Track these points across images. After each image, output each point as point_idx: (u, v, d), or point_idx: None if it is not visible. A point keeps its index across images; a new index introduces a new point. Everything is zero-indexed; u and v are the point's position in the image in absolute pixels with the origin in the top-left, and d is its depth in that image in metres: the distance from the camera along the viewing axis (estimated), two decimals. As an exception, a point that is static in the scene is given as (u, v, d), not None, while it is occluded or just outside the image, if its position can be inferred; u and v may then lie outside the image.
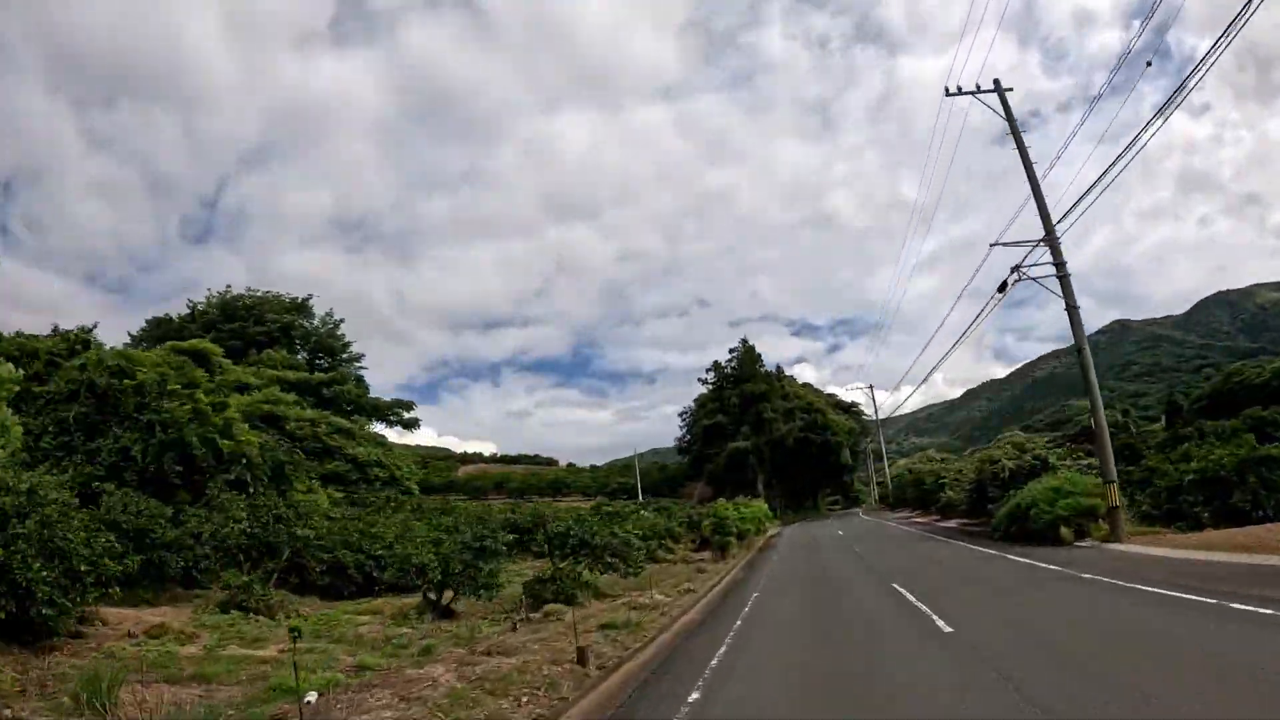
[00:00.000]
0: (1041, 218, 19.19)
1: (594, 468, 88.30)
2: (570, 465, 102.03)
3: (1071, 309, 18.70)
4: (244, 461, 24.09)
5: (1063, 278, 18.78)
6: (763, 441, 70.21)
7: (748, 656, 8.75)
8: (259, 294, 59.81)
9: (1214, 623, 7.64)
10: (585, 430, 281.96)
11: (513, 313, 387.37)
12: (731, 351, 79.62)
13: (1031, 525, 18.72)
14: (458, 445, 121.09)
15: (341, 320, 60.51)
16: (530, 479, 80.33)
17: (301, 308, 59.81)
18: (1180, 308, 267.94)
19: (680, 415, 79.21)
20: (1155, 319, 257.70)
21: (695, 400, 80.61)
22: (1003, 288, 19.08)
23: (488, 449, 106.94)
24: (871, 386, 66.11)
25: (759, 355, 77.89)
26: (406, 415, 51.33)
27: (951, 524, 29.71)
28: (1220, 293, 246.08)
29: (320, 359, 57.92)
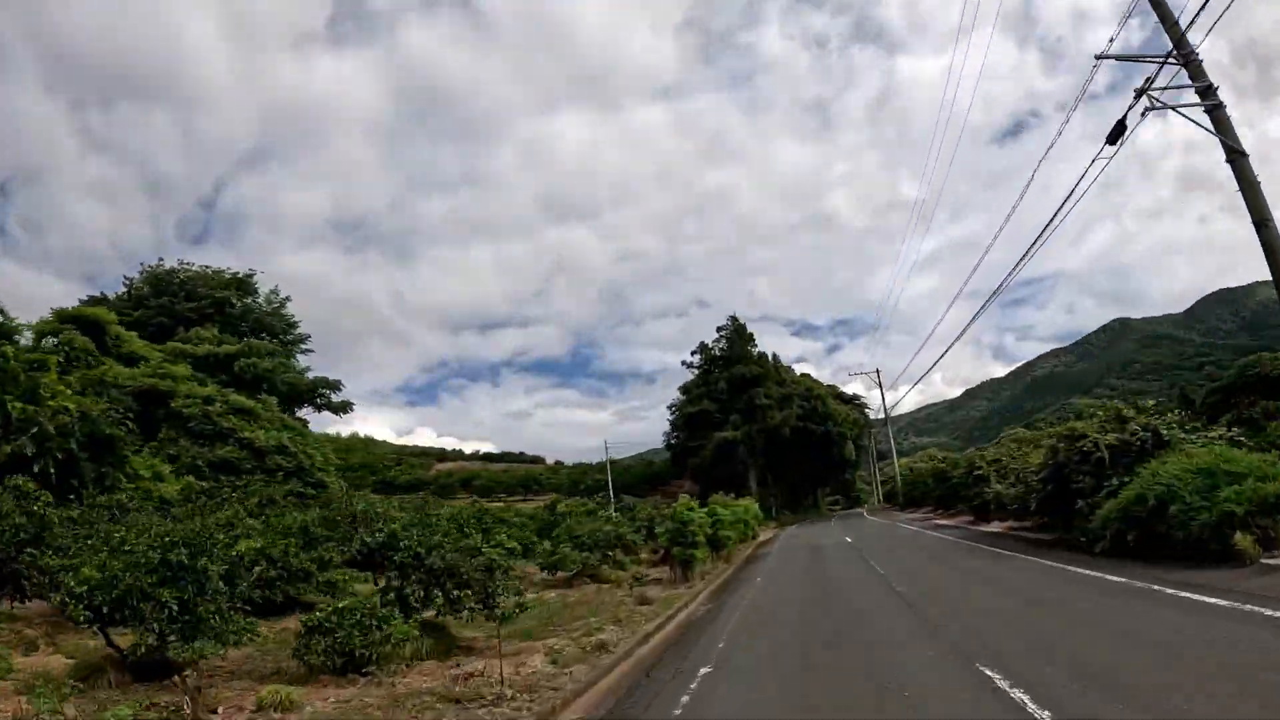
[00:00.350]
0: (1164, 25, 11.64)
1: (574, 465, 79.77)
2: (558, 463, 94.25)
3: (1236, 155, 11.09)
4: (33, 431, 17.33)
5: (1213, 108, 11.19)
6: (755, 431, 58.04)
7: None
8: (194, 268, 52.54)
9: None
10: (585, 430, 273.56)
11: (511, 313, 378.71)
12: (720, 330, 65.70)
13: (1171, 531, 11.17)
14: (455, 445, 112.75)
15: (287, 299, 53.48)
16: (501, 476, 72.03)
17: (242, 284, 52.89)
18: (1179, 306, 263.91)
19: (669, 408, 69.59)
20: (1155, 317, 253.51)
21: (680, 388, 66.83)
22: (1119, 131, 11.43)
23: (486, 450, 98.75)
24: (878, 371, 57.50)
25: (751, 335, 64.51)
26: (334, 398, 43.78)
27: (994, 528, 22.08)
28: (1221, 290, 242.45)
29: (262, 339, 50.74)
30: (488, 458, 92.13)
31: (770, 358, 64.36)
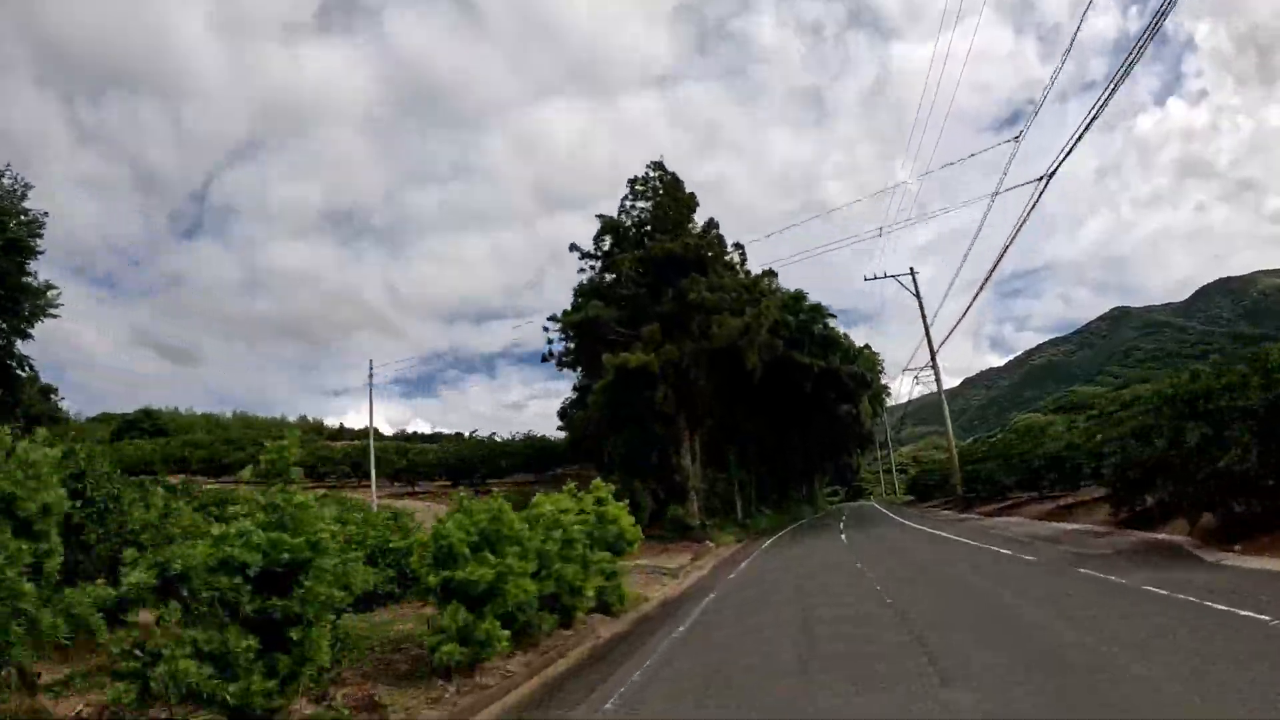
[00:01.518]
0: None
1: (453, 434, 56.55)
2: (488, 439, 74.50)
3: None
4: None
5: None
6: (690, 355, 23.28)
7: None
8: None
9: None
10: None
11: (506, 305, 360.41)
12: (636, 184, 26.58)
13: None
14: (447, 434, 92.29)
15: (30, 186, 33.39)
16: (336, 454, 50.13)
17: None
18: (1178, 296, 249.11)
19: (544, 325, 29.64)
20: (1155, 306, 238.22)
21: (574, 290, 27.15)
22: None
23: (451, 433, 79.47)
24: (913, 271, 31.95)
25: (691, 195, 26.17)
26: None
27: None
28: (1220, 279, 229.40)
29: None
30: (419, 438, 72.78)
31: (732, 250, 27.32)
